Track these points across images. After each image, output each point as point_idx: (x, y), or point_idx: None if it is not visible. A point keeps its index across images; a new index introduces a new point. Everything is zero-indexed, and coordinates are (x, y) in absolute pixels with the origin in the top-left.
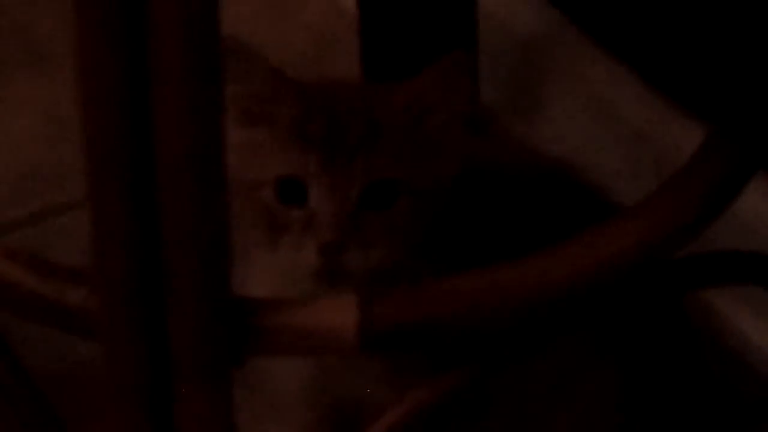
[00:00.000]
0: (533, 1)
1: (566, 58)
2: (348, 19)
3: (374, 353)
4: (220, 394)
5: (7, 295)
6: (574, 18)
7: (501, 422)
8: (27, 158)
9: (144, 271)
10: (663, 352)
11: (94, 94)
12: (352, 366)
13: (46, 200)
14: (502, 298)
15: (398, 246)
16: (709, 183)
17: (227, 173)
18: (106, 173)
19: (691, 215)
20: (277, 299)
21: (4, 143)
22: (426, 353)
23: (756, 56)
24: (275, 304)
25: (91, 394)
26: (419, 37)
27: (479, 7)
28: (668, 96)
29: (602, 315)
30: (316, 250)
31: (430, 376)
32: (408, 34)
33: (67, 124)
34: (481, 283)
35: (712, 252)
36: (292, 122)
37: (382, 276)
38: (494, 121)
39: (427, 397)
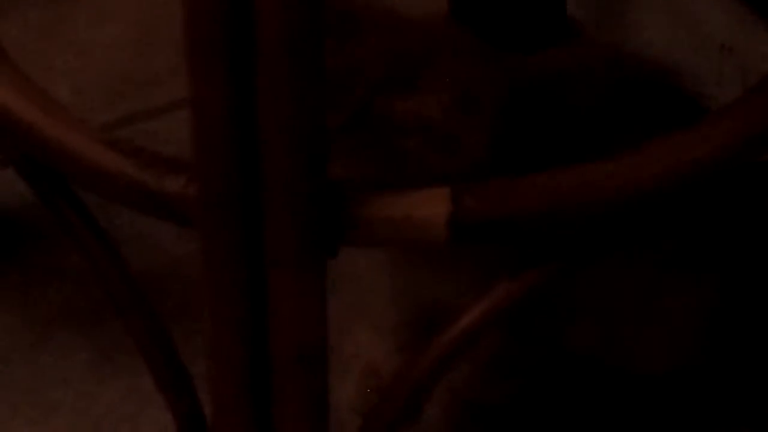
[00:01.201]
0: None
1: None
2: None
3: (464, 245)
4: (313, 284)
5: (108, 182)
6: None
7: (586, 328)
8: (116, 64)
9: (241, 157)
10: (753, 264)
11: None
12: (440, 270)
13: (135, 105)
14: (591, 193)
15: None
16: None
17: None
18: (206, 59)
19: None
20: (369, 190)
21: (94, 50)
22: (514, 250)
23: None
24: (366, 194)
25: (187, 292)
26: None
27: None
28: (753, 8)
29: (690, 219)
30: None
31: (514, 273)
32: None
33: (156, 31)
34: (571, 178)
35: None
36: None
37: None
38: (581, 35)
39: (510, 292)
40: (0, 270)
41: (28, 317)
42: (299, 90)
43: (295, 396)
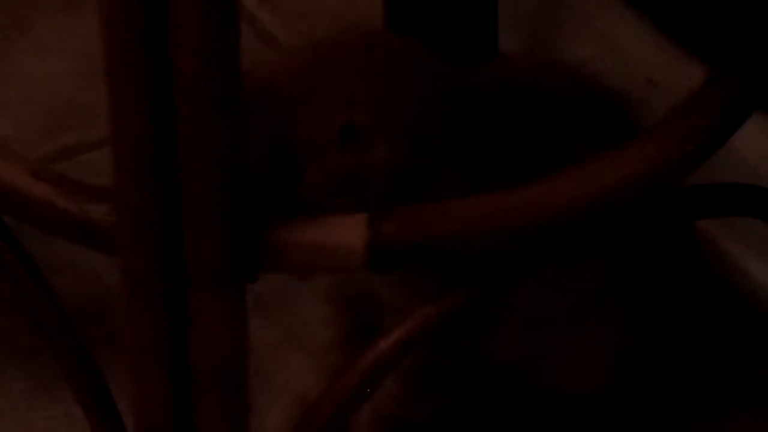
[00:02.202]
0: None
1: (580, 5)
2: None
3: (383, 271)
4: (232, 308)
5: (34, 210)
6: None
7: (510, 341)
8: (57, 97)
9: (162, 188)
10: (673, 290)
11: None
12: (366, 283)
13: (76, 137)
14: (509, 219)
15: None
16: (709, 116)
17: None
18: (126, 96)
19: (691, 145)
20: (289, 217)
21: (36, 81)
22: (436, 270)
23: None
24: (287, 221)
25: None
26: None
27: None
28: (679, 41)
29: (607, 242)
30: None
31: (439, 294)
32: None
33: (98, 63)
34: (491, 203)
35: (717, 183)
36: None
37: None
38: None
39: (435, 314)
40: None
41: None
42: (217, 117)
43: (215, 419)
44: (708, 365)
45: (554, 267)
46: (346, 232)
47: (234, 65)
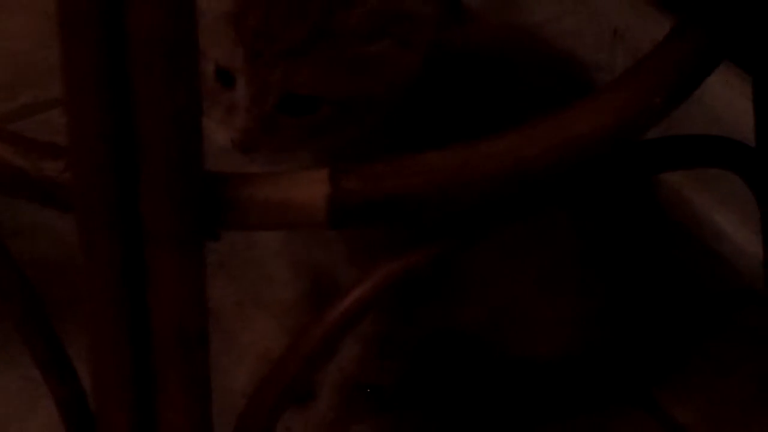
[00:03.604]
0: None
1: None
2: None
3: (343, 227)
4: (191, 266)
5: None
6: None
7: (475, 305)
8: (18, 55)
9: (117, 144)
10: (637, 244)
11: None
12: (332, 239)
13: (35, 95)
14: (472, 173)
15: (320, 147)
16: (675, 66)
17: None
18: (78, 45)
19: (658, 97)
20: (247, 173)
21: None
22: (394, 229)
23: None
24: (246, 177)
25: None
26: None
27: None
28: None
29: (572, 196)
30: (230, 138)
31: (399, 251)
32: None
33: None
34: (453, 158)
35: (684, 135)
36: (231, 9)
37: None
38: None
39: (394, 271)
40: None
41: None
42: (172, 69)
43: (177, 380)
44: (675, 321)
45: (518, 229)
46: (307, 188)
47: (190, 15)
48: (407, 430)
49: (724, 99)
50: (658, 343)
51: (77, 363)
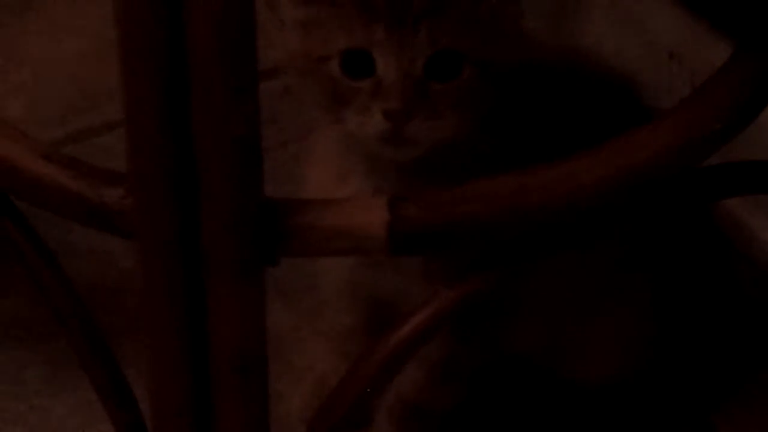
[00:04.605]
0: None
1: None
2: None
3: (403, 254)
4: (251, 293)
5: (48, 194)
6: None
7: (529, 324)
8: (72, 79)
9: (178, 171)
10: (695, 268)
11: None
12: (389, 266)
13: (90, 120)
14: (530, 201)
15: (462, 119)
16: (735, 92)
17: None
18: (140, 77)
19: (718, 123)
20: (308, 200)
21: (50, 62)
22: (456, 255)
23: None
24: (305, 204)
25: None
26: None
27: None
28: (702, 15)
29: (632, 223)
30: (383, 116)
31: (459, 278)
32: None
33: (114, 43)
34: (510, 186)
35: (744, 161)
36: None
37: (444, 149)
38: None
39: (454, 298)
40: None
41: None
42: (234, 99)
43: (235, 406)
44: (732, 346)
45: (574, 251)
46: (367, 215)
47: (250, 43)
48: None
49: None
50: (716, 368)
51: (135, 387)
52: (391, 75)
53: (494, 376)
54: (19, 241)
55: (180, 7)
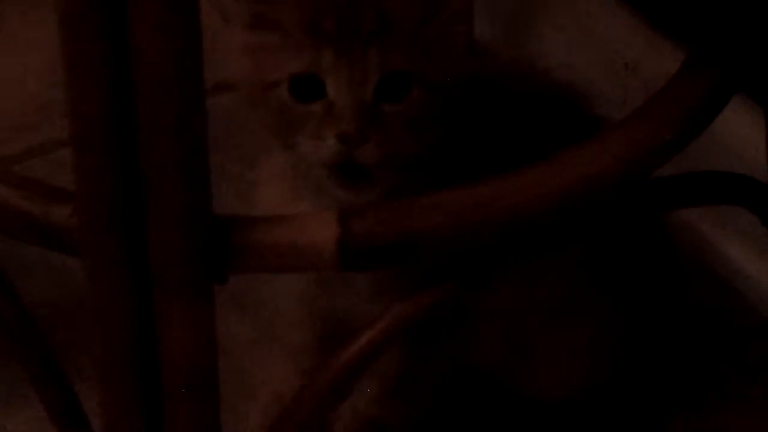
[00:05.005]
0: None
1: None
2: None
3: (354, 269)
4: (201, 311)
5: None
6: None
7: (487, 339)
8: (30, 92)
9: (125, 189)
10: (650, 279)
11: (72, 18)
12: (343, 280)
13: (47, 134)
14: (480, 214)
15: (413, 139)
16: (687, 102)
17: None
18: (85, 91)
19: (670, 133)
20: (257, 216)
21: (8, 77)
22: (410, 269)
23: None
24: (254, 221)
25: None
26: None
27: None
28: (658, 27)
29: (585, 235)
30: (336, 140)
31: (412, 292)
32: None
33: None
34: (461, 199)
35: (696, 172)
36: (302, 21)
37: (396, 170)
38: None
39: (408, 312)
40: None
41: None
42: (181, 116)
43: (186, 424)
44: (689, 356)
45: (528, 264)
46: (317, 231)
47: (197, 61)
48: None
49: (737, 131)
50: (672, 378)
51: (90, 402)
52: (343, 98)
53: (454, 390)
54: None
55: (125, 24)
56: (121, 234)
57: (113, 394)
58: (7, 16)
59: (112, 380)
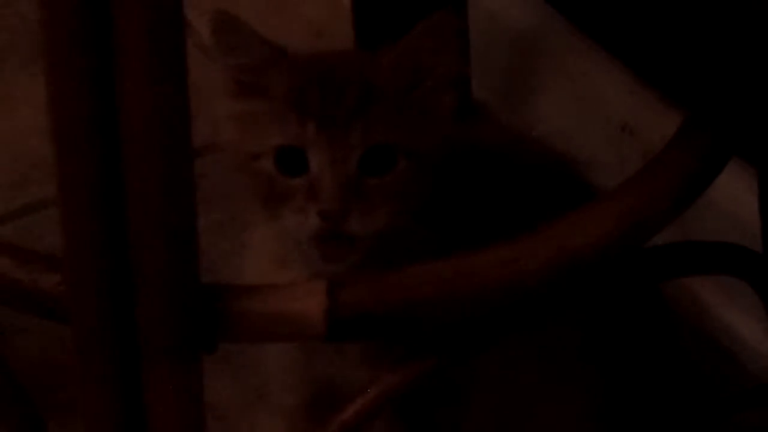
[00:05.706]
0: None
1: (555, 51)
2: (344, 12)
3: (342, 340)
4: (188, 379)
5: None
6: (563, 10)
7: (481, 412)
8: (26, 149)
9: (112, 258)
10: (645, 345)
11: (61, 81)
12: (332, 347)
13: (44, 191)
14: (471, 285)
15: (398, 211)
16: (682, 169)
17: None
18: (73, 165)
19: (665, 201)
20: (245, 285)
21: (4, 134)
22: (397, 339)
23: (730, 48)
24: (241, 289)
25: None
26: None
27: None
28: (655, 88)
29: (579, 304)
30: (319, 217)
31: (402, 361)
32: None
33: None
34: (451, 270)
35: (690, 242)
36: (287, 92)
37: (382, 242)
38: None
39: (397, 382)
40: None
41: None
42: (168, 188)
43: None
44: (682, 419)
45: (520, 335)
46: (305, 301)
47: (185, 133)
48: None
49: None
50: None
51: None
52: (325, 175)
53: None
54: None
55: (113, 92)
56: (108, 303)
57: None
58: (6, 69)
59: None
